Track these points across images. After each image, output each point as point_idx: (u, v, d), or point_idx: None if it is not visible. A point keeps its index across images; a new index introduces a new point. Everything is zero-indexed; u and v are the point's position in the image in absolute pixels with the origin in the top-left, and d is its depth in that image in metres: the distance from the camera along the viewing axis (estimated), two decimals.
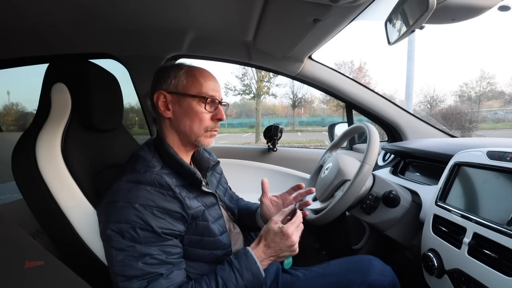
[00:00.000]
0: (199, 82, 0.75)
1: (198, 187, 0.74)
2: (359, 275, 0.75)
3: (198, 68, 0.78)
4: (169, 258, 0.64)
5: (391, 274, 0.77)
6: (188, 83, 0.75)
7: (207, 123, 0.76)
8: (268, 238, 0.71)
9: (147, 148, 0.75)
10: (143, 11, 0.95)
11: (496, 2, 0.66)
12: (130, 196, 0.64)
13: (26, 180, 0.76)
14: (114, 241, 0.63)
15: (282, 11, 0.88)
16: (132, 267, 0.61)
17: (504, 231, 0.60)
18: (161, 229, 0.64)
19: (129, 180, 0.66)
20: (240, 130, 23.81)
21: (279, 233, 0.70)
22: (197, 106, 0.75)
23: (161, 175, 0.67)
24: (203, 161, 0.86)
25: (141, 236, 0.62)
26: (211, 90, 0.76)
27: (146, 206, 0.63)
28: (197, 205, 0.71)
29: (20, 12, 0.87)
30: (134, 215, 0.62)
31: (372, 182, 0.96)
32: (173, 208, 0.66)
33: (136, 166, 0.70)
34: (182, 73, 0.76)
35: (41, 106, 0.82)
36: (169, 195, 0.66)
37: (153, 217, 0.63)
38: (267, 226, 0.73)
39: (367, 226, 1.36)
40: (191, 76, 0.76)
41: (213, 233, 0.72)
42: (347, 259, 0.83)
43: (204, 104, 0.75)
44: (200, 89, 0.75)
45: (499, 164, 0.69)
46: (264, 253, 0.70)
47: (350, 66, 20.18)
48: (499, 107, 20.95)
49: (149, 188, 0.65)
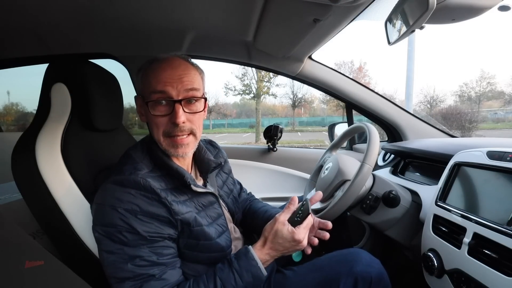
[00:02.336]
0: (148, 81, 0.69)
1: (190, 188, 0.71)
2: (346, 267, 0.73)
3: (157, 63, 0.70)
4: (160, 259, 0.63)
5: (379, 265, 0.75)
6: (143, 85, 0.70)
7: (163, 127, 0.68)
8: (275, 241, 0.68)
9: (140, 148, 0.73)
10: (143, 11, 0.95)
11: (496, 2, 0.66)
12: (114, 200, 0.62)
13: (26, 180, 0.76)
14: (103, 244, 0.62)
15: (282, 11, 0.87)
16: (122, 269, 0.60)
17: (504, 231, 0.60)
18: (148, 233, 0.62)
19: (115, 181, 0.65)
20: (240, 130, 23.81)
21: (290, 239, 0.67)
22: (147, 110, 0.69)
23: (146, 178, 0.64)
24: (204, 163, 0.82)
25: (129, 239, 0.61)
26: (161, 87, 0.67)
27: (130, 210, 0.61)
28: (187, 210, 0.67)
29: (20, 12, 0.87)
30: (119, 219, 0.61)
31: (372, 182, 0.95)
32: (159, 213, 0.64)
33: (124, 167, 0.68)
34: (142, 73, 0.71)
35: (41, 106, 0.82)
36: (154, 199, 0.64)
37: (139, 222, 0.62)
38: (273, 227, 0.69)
39: (367, 226, 1.36)
40: (145, 75, 0.70)
41: (209, 237, 0.70)
42: (336, 253, 0.81)
43: (148, 107, 0.68)
44: (148, 90, 0.68)
45: (499, 164, 0.69)
46: (269, 255, 0.69)
47: (350, 66, 20.22)
48: (499, 107, 20.96)
49: (133, 191, 0.63)
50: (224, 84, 16.55)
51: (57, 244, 0.79)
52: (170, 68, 0.68)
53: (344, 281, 0.71)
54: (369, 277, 0.71)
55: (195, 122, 0.71)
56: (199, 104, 0.71)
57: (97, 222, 0.64)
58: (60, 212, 0.75)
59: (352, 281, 0.71)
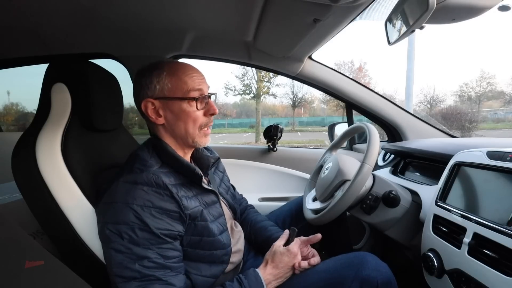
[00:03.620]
0: (183, 81, 0.74)
1: (199, 184, 0.74)
2: (352, 271, 0.72)
3: (178, 65, 0.76)
4: (167, 262, 0.64)
5: (386, 270, 0.73)
6: (173, 86, 0.73)
7: (201, 120, 0.75)
8: (276, 259, 0.76)
9: (145, 148, 0.75)
10: (143, 11, 0.95)
11: (496, 2, 0.66)
12: (128, 197, 0.64)
13: (26, 180, 0.76)
14: (112, 242, 0.63)
15: (282, 11, 0.88)
16: (130, 269, 0.61)
17: (504, 231, 0.60)
18: (159, 230, 0.63)
19: (126, 180, 0.66)
20: (240, 130, 23.81)
21: (286, 253, 0.77)
22: (188, 107, 0.73)
23: (158, 174, 0.67)
24: (203, 159, 0.86)
25: (139, 237, 0.62)
26: (198, 85, 0.74)
27: (144, 207, 0.63)
28: (194, 205, 0.71)
29: (20, 12, 0.87)
30: (132, 216, 0.62)
31: (372, 182, 0.95)
32: (171, 208, 0.66)
33: (134, 166, 0.70)
34: (165, 76, 0.74)
35: (41, 106, 0.82)
36: (166, 194, 0.66)
37: (152, 218, 0.63)
38: (272, 250, 0.79)
39: (367, 226, 1.37)
40: (174, 76, 0.74)
41: (212, 233, 0.72)
42: (342, 256, 0.80)
43: (196, 103, 0.74)
44: (186, 89, 0.73)
45: (499, 164, 0.69)
46: (272, 274, 0.74)
47: (350, 66, 20.21)
48: (499, 107, 20.97)
49: (146, 188, 0.65)
50: (224, 84, 16.62)
51: (57, 244, 0.79)
52: (194, 70, 0.76)
53: (349, 285, 0.70)
54: (375, 282, 0.69)
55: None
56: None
57: (109, 220, 0.65)
58: (60, 212, 0.75)
59: (358, 286, 0.70)
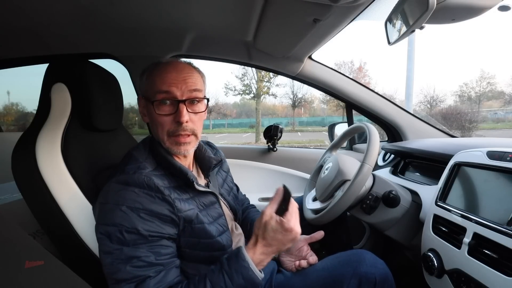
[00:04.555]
0: (153, 81, 0.71)
1: (193, 187, 0.72)
2: (350, 268, 0.72)
3: (162, 64, 0.72)
4: (158, 259, 0.63)
5: (383, 266, 0.73)
6: (147, 86, 0.72)
7: (167, 126, 0.70)
8: (267, 236, 0.65)
9: (142, 148, 0.74)
10: (143, 11, 0.95)
11: (496, 2, 0.66)
12: (119, 198, 0.63)
13: (26, 180, 0.76)
14: (102, 244, 0.63)
15: (282, 11, 0.88)
16: (120, 271, 0.60)
17: (504, 231, 0.60)
18: (148, 231, 0.62)
19: (118, 181, 0.65)
20: (240, 130, 23.82)
21: (280, 230, 0.64)
22: (152, 110, 0.70)
23: (150, 176, 0.65)
24: (205, 160, 0.83)
25: (127, 239, 0.61)
26: (166, 87, 0.69)
27: (133, 208, 0.62)
28: (189, 207, 0.68)
29: (21, 12, 0.87)
30: (120, 218, 0.62)
31: (372, 182, 0.95)
32: (162, 211, 0.64)
33: (127, 166, 0.69)
34: (147, 74, 0.73)
35: (41, 106, 0.82)
36: (157, 197, 0.64)
37: (140, 220, 0.62)
38: (261, 222, 0.66)
39: (367, 226, 1.36)
40: (150, 76, 0.72)
41: (210, 235, 0.70)
42: (339, 254, 0.80)
43: (152, 107, 0.69)
44: (153, 90, 0.70)
45: (499, 164, 0.69)
46: (264, 254, 0.66)
47: (350, 66, 20.24)
48: (499, 107, 20.98)
49: (137, 190, 0.64)
50: (224, 84, 16.66)
51: (57, 244, 0.79)
52: (175, 70, 0.71)
53: (348, 282, 0.71)
54: (373, 278, 0.70)
55: (196, 122, 0.74)
56: (201, 105, 0.74)
57: (100, 221, 0.65)
58: (60, 212, 0.75)
59: (356, 282, 0.70)
